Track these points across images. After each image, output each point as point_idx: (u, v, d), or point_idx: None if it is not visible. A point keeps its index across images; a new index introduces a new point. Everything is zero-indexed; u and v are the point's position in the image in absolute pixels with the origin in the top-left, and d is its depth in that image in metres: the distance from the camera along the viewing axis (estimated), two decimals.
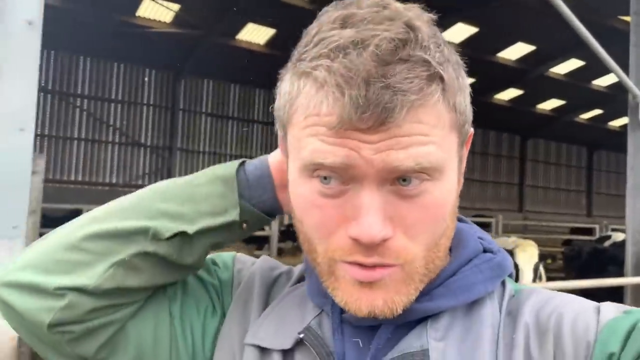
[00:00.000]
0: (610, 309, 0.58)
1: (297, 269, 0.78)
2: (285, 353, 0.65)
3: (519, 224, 16.36)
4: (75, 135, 15.55)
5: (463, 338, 0.59)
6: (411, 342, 0.59)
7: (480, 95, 18.96)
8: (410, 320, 0.61)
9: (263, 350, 0.66)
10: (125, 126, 16.33)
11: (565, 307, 0.59)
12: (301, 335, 0.64)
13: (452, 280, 0.63)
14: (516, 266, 4.88)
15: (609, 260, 6.24)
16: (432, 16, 0.58)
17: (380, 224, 0.53)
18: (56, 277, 0.63)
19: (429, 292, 0.62)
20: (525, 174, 24.53)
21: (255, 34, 14.47)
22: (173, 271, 0.69)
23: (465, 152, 0.66)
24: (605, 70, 8.65)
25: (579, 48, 13.49)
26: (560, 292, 0.64)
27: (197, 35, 14.00)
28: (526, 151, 24.63)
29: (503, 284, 0.66)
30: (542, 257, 5.06)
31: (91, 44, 14.35)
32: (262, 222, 0.72)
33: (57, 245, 0.65)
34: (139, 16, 13.27)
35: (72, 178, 15.46)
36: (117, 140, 16.28)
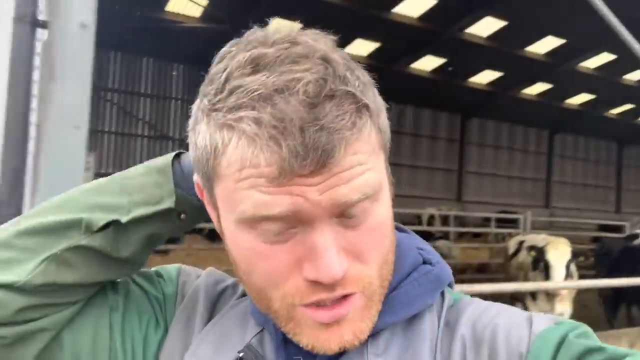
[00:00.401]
0: (541, 320, 0.59)
1: (240, 287, 0.76)
2: None
3: (546, 220, 16.15)
4: (106, 129, 15.88)
5: (402, 352, 0.60)
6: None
7: (508, 90, 18.75)
8: None
9: None
10: (154, 120, 16.59)
11: (499, 318, 0.60)
12: (241, 355, 0.63)
13: (391, 296, 0.62)
14: (548, 264, 4.87)
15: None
16: (333, 38, 0.57)
17: (337, 261, 0.52)
18: None
19: None
20: (553, 170, 24.19)
21: (281, 29, 14.54)
22: (110, 266, 0.66)
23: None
24: (637, 65, 8.50)
25: (610, 41, 13.25)
26: (495, 303, 0.65)
27: (224, 30, 14.14)
28: (554, 146, 24.28)
29: (442, 294, 0.66)
30: (574, 254, 5.02)
31: (121, 39, 14.58)
32: (202, 213, 0.69)
33: None
34: (168, 11, 13.46)
35: (103, 170, 15.79)
36: (147, 134, 16.56)
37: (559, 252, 4.85)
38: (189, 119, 0.60)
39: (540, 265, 5.09)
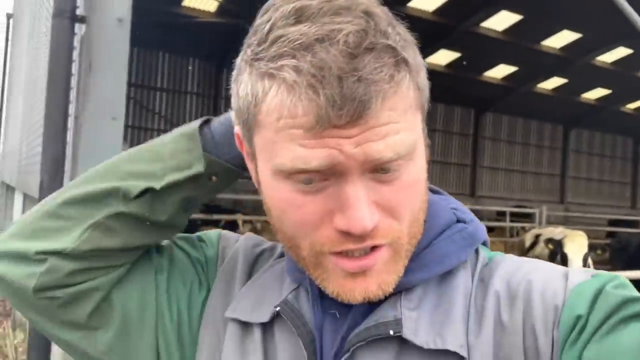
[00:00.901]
0: (578, 274, 0.59)
1: (281, 245, 0.77)
2: (265, 326, 0.66)
3: (561, 215, 16.09)
4: (124, 123, 16.01)
5: (436, 306, 0.61)
6: (385, 313, 0.60)
7: (523, 85, 18.63)
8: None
9: (244, 324, 0.68)
10: (169, 114, 16.72)
11: (534, 273, 0.60)
12: (278, 309, 0.65)
13: (424, 253, 0.63)
14: (565, 256, 4.91)
15: None
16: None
17: (368, 214, 0.53)
18: (37, 242, 0.66)
19: None
20: (568, 165, 24.01)
21: None
22: (150, 231, 0.70)
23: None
24: None
25: (627, 36, 13.14)
26: (531, 259, 0.66)
27: (240, 25, 14.21)
28: (569, 141, 24.07)
29: (477, 252, 0.67)
30: (591, 247, 5.06)
31: (138, 34, 14.66)
32: (233, 175, 0.71)
33: (38, 214, 0.69)
34: (184, 6, 13.55)
35: None
36: (162, 128, 16.68)
37: (576, 245, 4.88)
38: (233, 71, 0.62)
39: (557, 257, 5.13)
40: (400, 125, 0.54)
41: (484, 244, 0.69)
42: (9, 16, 13.87)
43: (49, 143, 2.49)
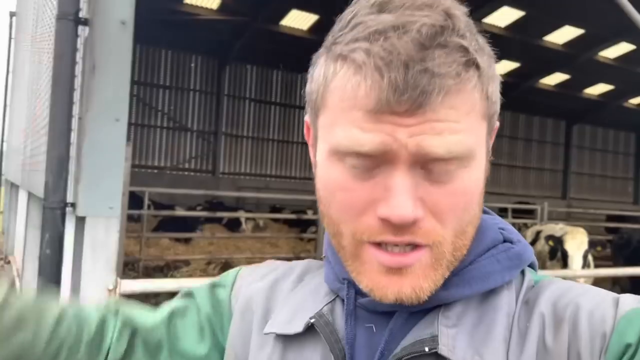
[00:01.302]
0: (629, 300, 0.56)
1: (297, 268, 0.77)
2: (299, 337, 0.65)
3: (563, 211, 16.09)
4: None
5: (475, 325, 0.59)
6: (423, 330, 0.59)
7: (525, 80, 18.60)
8: (424, 308, 0.61)
9: (279, 338, 0.67)
10: (172, 111, 16.75)
11: (583, 297, 0.58)
12: (312, 320, 0.64)
13: (467, 269, 0.62)
14: (565, 253, 4.93)
15: None
16: (465, 8, 0.59)
17: (411, 204, 0.53)
18: None
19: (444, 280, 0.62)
20: (570, 161, 23.97)
21: (299, 20, 14.59)
22: None
23: (491, 142, 0.65)
24: None
25: (630, 32, 13.10)
26: (580, 283, 0.63)
27: (242, 22, 14.23)
28: (572, 137, 24.04)
29: (523, 273, 0.65)
30: (591, 244, 5.08)
31: (140, 31, 14.69)
32: None
33: None
34: (186, 3, 13.56)
35: None
36: (165, 125, 16.74)
37: (576, 242, 4.90)
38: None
39: (557, 254, 5.16)
40: (460, 126, 0.54)
41: (532, 266, 0.67)
42: (12, 14, 13.91)
43: (53, 144, 2.52)
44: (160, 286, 2.64)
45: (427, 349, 0.57)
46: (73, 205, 2.54)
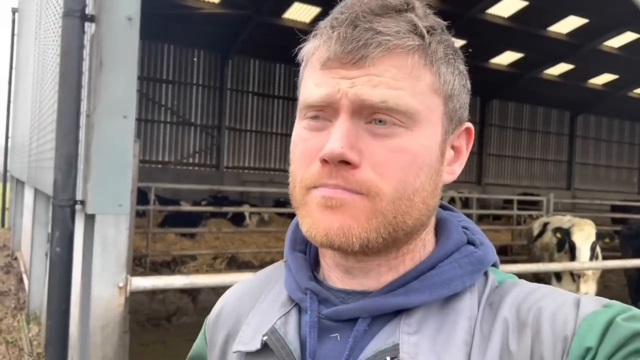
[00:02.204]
0: (589, 302, 0.57)
1: (259, 278, 0.79)
2: (260, 353, 0.66)
3: (568, 202, 16.05)
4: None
5: (437, 330, 0.59)
6: (384, 339, 0.60)
7: (529, 70, 18.53)
8: (386, 313, 0.62)
9: (244, 355, 0.68)
10: (176, 106, 16.74)
11: (545, 300, 0.59)
12: (265, 338, 0.66)
13: (429, 274, 0.62)
14: (573, 245, 4.92)
15: None
16: (442, 22, 0.65)
17: (341, 142, 0.57)
18: None
19: (405, 284, 0.62)
20: (575, 151, 23.91)
21: (301, 13, 14.54)
22: None
23: (464, 145, 0.68)
24: None
25: (634, 21, 13.03)
26: (543, 285, 0.63)
27: (244, 16, 14.18)
28: (576, 127, 23.95)
29: (486, 274, 0.66)
30: (599, 235, 5.06)
31: (143, 26, 14.67)
32: None
33: None
34: None
35: None
36: (169, 120, 16.73)
37: (584, 234, 4.88)
38: None
39: (565, 246, 5.14)
40: (399, 84, 0.58)
41: (494, 265, 0.68)
42: (14, 11, 13.89)
43: (62, 142, 2.52)
44: (170, 283, 2.64)
45: (388, 359, 0.58)
46: (82, 203, 2.54)
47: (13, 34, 13.87)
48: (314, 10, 14.29)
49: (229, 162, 17.46)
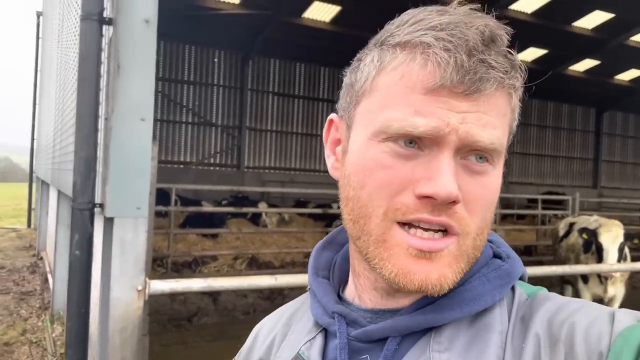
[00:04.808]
0: (625, 317, 0.55)
1: (287, 312, 0.78)
2: None
3: (594, 201, 15.72)
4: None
5: (468, 347, 0.58)
6: (415, 358, 0.59)
7: (553, 67, 18.19)
8: (416, 332, 0.61)
9: None
10: (197, 107, 16.85)
11: (578, 314, 0.57)
12: None
13: (459, 290, 0.61)
14: (600, 246, 4.79)
15: None
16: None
17: (454, 184, 0.54)
18: None
19: (434, 300, 0.61)
20: (601, 149, 23.43)
21: (321, 12, 14.49)
22: None
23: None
24: None
25: None
26: (576, 299, 0.62)
27: (264, 16, 14.20)
28: (602, 124, 23.47)
29: (513, 287, 0.65)
30: (627, 236, 4.91)
31: (164, 28, 14.83)
32: None
33: None
34: None
35: None
36: (190, 120, 16.86)
37: (612, 235, 4.75)
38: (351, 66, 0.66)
39: (592, 247, 5.01)
40: (497, 123, 0.57)
41: (521, 278, 0.67)
42: (38, 14, 14.14)
43: (81, 145, 2.52)
44: (188, 286, 2.63)
45: None
46: (101, 206, 2.54)
47: (38, 37, 14.13)
48: (334, 9, 14.23)
49: (249, 162, 17.52)
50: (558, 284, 6.09)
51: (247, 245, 9.39)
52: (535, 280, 0.71)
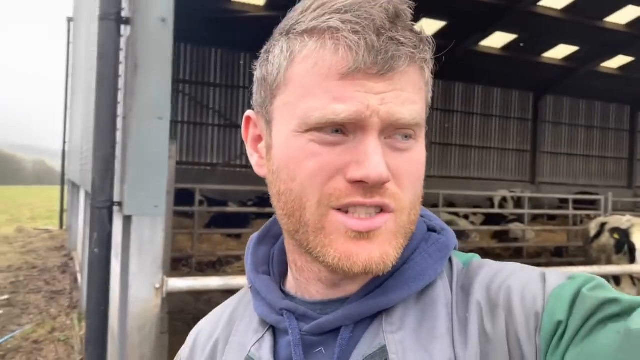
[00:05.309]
0: (554, 276, 0.58)
1: (226, 312, 0.76)
2: None
3: (629, 201, 15.28)
4: (179, 119, 16.46)
5: (419, 323, 0.59)
6: (370, 342, 0.59)
7: (585, 64, 17.77)
8: (367, 317, 0.61)
9: None
10: (223, 108, 17.01)
11: (512, 279, 0.59)
12: None
13: (403, 269, 0.62)
14: (632, 246, 4.63)
15: None
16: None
17: (383, 166, 0.54)
18: None
19: (381, 283, 0.62)
20: (636, 147, 22.77)
21: None
22: None
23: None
24: None
25: None
26: (509, 263, 0.64)
27: None
28: (637, 122, 22.82)
29: (450, 259, 0.66)
30: None
31: (191, 32, 15.04)
32: None
33: None
34: (233, 1, 13.71)
35: (178, 159, 16.43)
36: (217, 122, 17.02)
37: None
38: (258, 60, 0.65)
39: (624, 248, 4.85)
40: (416, 98, 0.58)
41: (455, 248, 0.68)
42: (69, 20, 14.48)
43: (98, 144, 2.54)
44: (206, 284, 2.62)
45: None
46: (120, 204, 2.56)
47: (68, 43, 14.46)
48: None
49: None
50: None
51: None
52: None
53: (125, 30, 2.65)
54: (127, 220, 2.55)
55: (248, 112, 0.68)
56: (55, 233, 14.31)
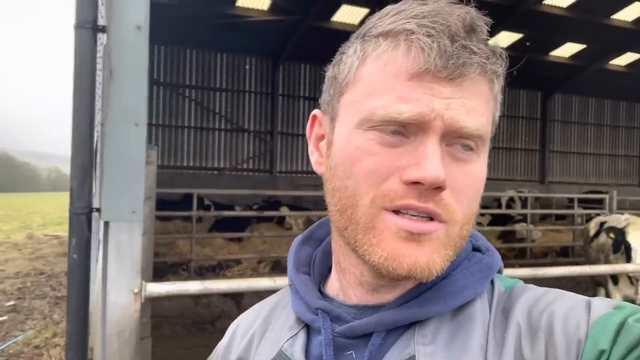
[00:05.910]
0: (600, 305, 0.57)
1: (265, 309, 0.77)
2: None
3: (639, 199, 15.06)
4: (185, 124, 16.55)
5: (452, 337, 0.59)
6: (400, 351, 0.59)
7: (592, 62, 17.60)
8: (399, 326, 0.61)
9: None
10: (229, 113, 17.07)
11: (556, 304, 0.59)
12: None
13: (442, 284, 0.62)
14: (628, 245, 4.57)
15: None
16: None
17: (441, 169, 0.54)
18: None
19: (419, 294, 0.62)
20: None
21: (350, 15, 14.46)
22: None
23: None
24: None
25: None
26: (553, 289, 0.63)
27: (293, 21, 14.28)
28: None
29: (492, 282, 0.66)
30: None
31: (196, 37, 15.14)
32: None
33: None
34: (238, 6, 13.77)
35: (184, 164, 16.53)
36: (223, 127, 17.08)
37: None
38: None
39: (621, 247, 4.79)
40: (482, 110, 0.57)
41: (499, 271, 0.68)
42: None
43: (77, 150, 2.57)
44: (185, 288, 2.64)
45: None
46: (99, 210, 2.58)
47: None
48: (362, 12, 14.19)
49: (281, 166, 17.61)
50: (590, 286, 5.85)
51: (273, 249, 9.42)
52: (562, 282, 0.70)
53: (101, 38, 2.68)
54: (107, 226, 2.57)
55: (315, 111, 0.69)
56: (65, 239, 14.45)
